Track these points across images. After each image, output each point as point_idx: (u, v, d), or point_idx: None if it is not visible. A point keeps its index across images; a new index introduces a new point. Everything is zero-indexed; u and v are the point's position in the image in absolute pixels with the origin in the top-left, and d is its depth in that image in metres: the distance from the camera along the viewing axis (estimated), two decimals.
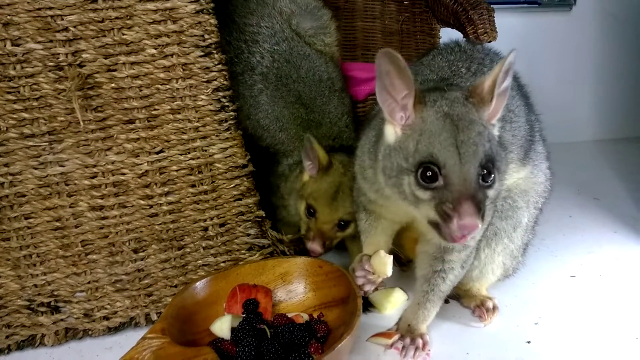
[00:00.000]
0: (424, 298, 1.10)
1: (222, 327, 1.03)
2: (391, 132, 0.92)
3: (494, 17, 1.53)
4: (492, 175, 0.86)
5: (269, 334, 1.02)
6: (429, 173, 0.84)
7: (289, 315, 1.09)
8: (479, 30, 1.51)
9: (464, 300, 1.24)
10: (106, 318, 1.14)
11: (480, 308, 1.19)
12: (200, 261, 1.18)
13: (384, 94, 0.89)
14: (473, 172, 0.83)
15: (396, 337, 1.09)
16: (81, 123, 0.96)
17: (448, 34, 1.47)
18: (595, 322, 1.17)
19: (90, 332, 1.13)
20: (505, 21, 1.64)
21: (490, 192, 0.87)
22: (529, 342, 1.11)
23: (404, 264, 1.39)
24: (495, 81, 0.88)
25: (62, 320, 1.11)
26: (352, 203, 1.20)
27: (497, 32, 1.54)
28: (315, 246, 1.22)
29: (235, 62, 1.33)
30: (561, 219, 1.67)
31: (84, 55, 0.98)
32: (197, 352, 0.90)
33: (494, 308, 1.19)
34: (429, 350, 1.08)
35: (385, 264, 1.05)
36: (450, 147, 0.84)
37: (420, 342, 1.08)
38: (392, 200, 0.98)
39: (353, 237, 1.33)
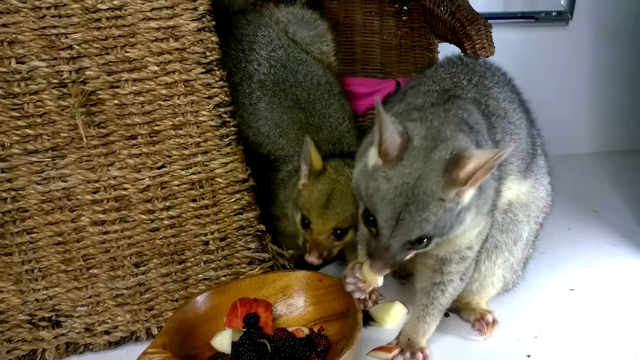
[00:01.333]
0: (424, 312, 1.10)
1: (223, 341, 1.04)
2: (373, 157, 0.91)
3: (491, 32, 1.55)
4: (423, 244, 0.89)
5: (269, 348, 1.02)
6: (370, 218, 0.90)
7: (289, 329, 1.10)
8: (477, 46, 1.52)
9: (464, 313, 1.24)
10: (107, 332, 1.13)
11: (480, 322, 1.19)
12: (201, 275, 1.18)
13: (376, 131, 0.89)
14: (397, 246, 0.88)
15: (396, 351, 1.09)
16: (84, 139, 0.97)
17: (446, 49, 1.48)
18: (595, 336, 1.17)
19: (91, 347, 1.13)
20: (502, 36, 1.65)
21: (418, 250, 0.92)
22: (529, 355, 1.11)
23: (402, 277, 1.39)
24: (476, 171, 0.83)
25: (63, 334, 1.11)
26: (347, 210, 1.17)
27: (494, 48, 1.56)
28: (312, 258, 1.18)
29: (234, 72, 1.34)
30: (560, 231, 1.67)
31: (87, 73, 1.00)
32: None
33: (494, 322, 1.19)
34: None
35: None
36: (390, 219, 0.86)
37: (420, 356, 1.08)
38: None
39: (354, 248, 1.32)
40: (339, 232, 1.19)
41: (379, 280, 1.03)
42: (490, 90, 1.11)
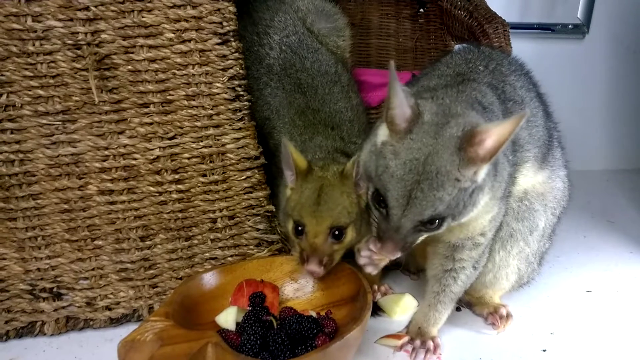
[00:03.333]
0: (435, 299, 1.07)
1: (227, 318, 1.00)
2: (383, 134, 0.88)
3: (509, 31, 1.54)
4: (435, 225, 0.86)
5: (275, 325, 0.99)
6: (380, 198, 0.87)
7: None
8: (494, 44, 1.52)
9: (477, 307, 1.20)
10: (109, 308, 1.11)
11: (494, 315, 1.15)
12: (207, 254, 1.15)
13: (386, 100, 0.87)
14: (409, 226, 0.85)
15: (406, 338, 1.06)
16: (96, 99, 0.96)
17: None
18: (612, 335, 1.13)
19: (91, 323, 1.10)
20: (517, 46, 1.63)
21: (428, 233, 0.89)
22: (544, 350, 1.07)
23: (413, 272, 1.36)
24: (501, 144, 0.79)
25: (63, 307, 1.08)
26: (340, 203, 1.08)
27: (512, 47, 1.55)
28: (312, 267, 1.04)
29: (246, 55, 1.32)
30: (576, 238, 1.64)
31: (102, 36, 0.99)
32: (201, 335, 0.87)
33: (508, 315, 1.16)
34: (440, 354, 1.05)
35: None
36: (401, 197, 0.83)
37: (431, 344, 1.04)
38: None
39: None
40: (336, 232, 1.06)
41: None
42: (507, 77, 1.09)
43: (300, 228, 1.07)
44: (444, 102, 0.89)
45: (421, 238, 0.91)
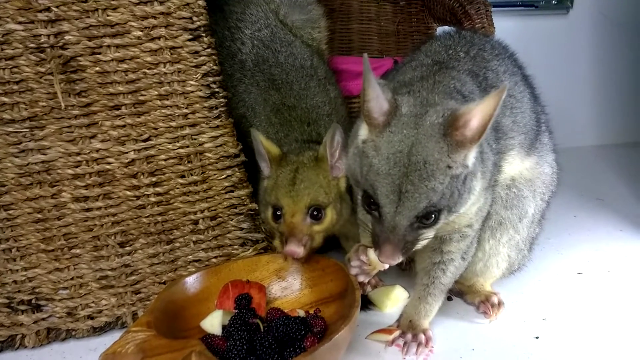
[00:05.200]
0: (425, 292, 1.05)
1: (213, 322, 0.98)
2: (363, 133, 0.86)
3: (491, 12, 1.51)
4: (432, 219, 0.83)
5: (262, 328, 0.96)
6: (371, 200, 0.84)
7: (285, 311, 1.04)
8: (477, 25, 1.49)
9: (468, 296, 1.19)
10: (91, 317, 1.08)
11: (485, 303, 1.14)
12: (190, 256, 1.13)
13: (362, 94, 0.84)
14: (405, 223, 0.82)
15: (397, 333, 1.05)
16: (62, 104, 0.92)
17: None
18: (605, 318, 1.12)
19: (73, 333, 1.07)
20: (502, 24, 1.60)
21: (427, 230, 0.86)
22: (537, 337, 1.06)
23: (404, 263, 1.33)
24: (487, 121, 0.78)
25: (43, 319, 1.06)
26: (316, 183, 1.08)
27: (494, 27, 1.52)
28: (291, 247, 1.02)
29: (219, 52, 1.29)
30: (566, 219, 1.63)
31: (66, 37, 0.94)
32: (185, 345, 0.85)
33: (500, 303, 1.14)
34: (432, 347, 1.03)
35: None
36: (391, 194, 0.81)
37: (422, 337, 1.03)
38: None
39: (347, 237, 1.27)
40: (315, 212, 1.06)
41: (385, 263, 0.97)
42: (490, 62, 1.06)
43: (278, 212, 1.06)
44: (420, 95, 0.88)
45: (423, 240, 0.88)
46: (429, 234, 0.87)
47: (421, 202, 0.80)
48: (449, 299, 1.19)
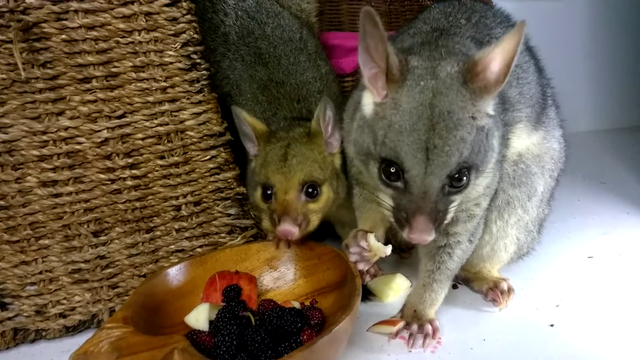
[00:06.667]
0: (430, 278, 0.99)
1: (199, 317, 0.90)
2: (368, 103, 0.81)
3: None
4: (464, 180, 0.77)
5: (253, 321, 0.88)
6: (392, 170, 0.77)
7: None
8: None
9: (475, 284, 1.12)
10: (63, 315, 1.00)
11: (494, 290, 1.07)
12: (172, 246, 1.06)
13: (365, 56, 0.78)
14: (437, 185, 0.75)
15: (401, 324, 0.98)
16: (23, 75, 0.83)
17: None
18: (621, 303, 1.05)
19: (43, 333, 1.00)
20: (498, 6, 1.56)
21: (457, 197, 0.80)
22: (552, 325, 0.99)
23: (403, 250, 1.28)
24: (510, 60, 0.73)
25: (9, 319, 0.98)
26: (310, 157, 1.00)
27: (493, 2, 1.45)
28: (286, 226, 0.93)
29: (200, 24, 1.21)
30: (570, 203, 1.58)
31: (28, 1, 0.86)
32: (166, 341, 0.76)
33: (510, 290, 1.08)
34: (440, 338, 0.96)
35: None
36: (418, 152, 0.74)
37: (429, 328, 0.96)
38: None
39: (343, 223, 1.20)
40: (309, 189, 0.98)
41: (387, 249, 0.91)
42: (493, 30, 1.02)
43: (268, 191, 0.99)
44: (426, 55, 0.82)
45: (454, 205, 0.80)
46: (457, 203, 0.80)
47: (453, 155, 0.74)
48: (455, 286, 1.13)
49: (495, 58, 0.74)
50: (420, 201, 0.75)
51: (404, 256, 1.27)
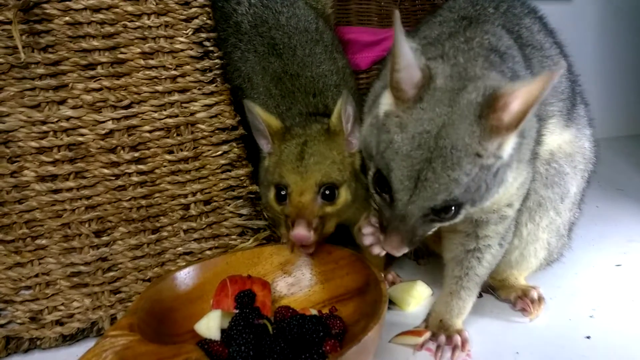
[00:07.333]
0: (458, 285, 0.94)
1: (210, 325, 0.84)
2: (387, 103, 0.76)
3: None
4: (450, 213, 0.75)
5: (270, 329, 0.82)
6: (383, 181, 0.76)
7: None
8: None
9: (501, 292, 1.07)
10: (60, 323, 0.95)
11: (523, 299, 1.02)
12: (180, 248, 1.00)
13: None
14: (417, 214, 0.74)
15: (427, 334, 0.92)
16: (22, 57, 0.77)
17: None
18: None
19: (38, 342, 0.93)
20: None
21: (443, 224, 0.79)
22: (588, 337, 0.93)
23: (420, 256, 1.22)
24: (529, 107, 0.68)
25: (1, 326, 0.92)
26: (328, 158, 0.95)
27: None
28: (300, 230, 0.88)
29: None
30: (589, 210, 1.50)
31: None
32: (177, 351, 0.70)
33: (540, 299, 1.02)
34: (469, 350, 0.90)
35: None
36: (407, 180, 0.72)
37: (458, 339, 0.91)
38: None
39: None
40: (327, 191, 0.93)
41: None
42: (522, 19, 0.98)
43: (282, 192, 0.93)
44: (457, 62, 0.78)
45: (432, 230, 0.79)
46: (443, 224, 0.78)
47: (440, 193, 0.72)
48: (480, 295, 1.05)
49: (517, 98, 0.69)
50: (397, 222, 0.75)
51: (421, 262, 1.21)
